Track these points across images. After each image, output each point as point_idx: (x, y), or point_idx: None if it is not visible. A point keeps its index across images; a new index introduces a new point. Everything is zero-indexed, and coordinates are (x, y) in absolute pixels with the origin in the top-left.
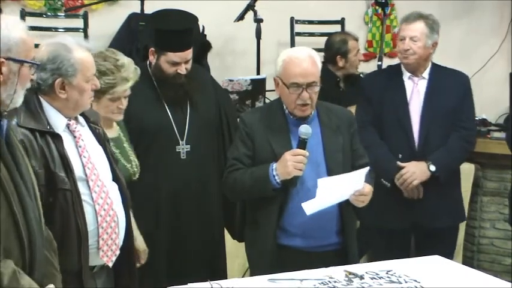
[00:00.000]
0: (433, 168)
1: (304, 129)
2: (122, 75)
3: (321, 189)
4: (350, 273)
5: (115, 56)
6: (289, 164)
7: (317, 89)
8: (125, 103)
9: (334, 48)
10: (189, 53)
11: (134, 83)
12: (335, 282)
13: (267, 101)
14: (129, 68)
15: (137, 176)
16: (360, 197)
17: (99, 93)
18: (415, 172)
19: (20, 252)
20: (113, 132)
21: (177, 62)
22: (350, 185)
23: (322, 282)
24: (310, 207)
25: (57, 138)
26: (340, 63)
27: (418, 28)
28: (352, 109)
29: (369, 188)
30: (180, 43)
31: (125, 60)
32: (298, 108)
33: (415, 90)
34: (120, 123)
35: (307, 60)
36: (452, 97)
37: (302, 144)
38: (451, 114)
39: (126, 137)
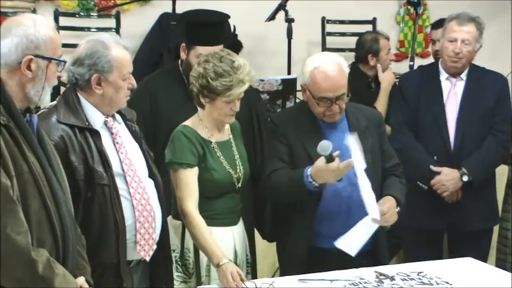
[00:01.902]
0: (465, 178)
1: (321, 148)
2: (238, 77)
3: (343, 247)
4: (381, 274)
5: (231, 58)
6: (331, 176)
7: (346, 98)
8: (238, 105)
9: (366, 47)
10: (218, 49)
11: (250, 85)
12: (365, 283)
13: (297, 101)
14: (245, 70)
15: (240, 183)
16: (385, 218)
17: (214, 95)
18: (444, 185)
19: (54, 244)
20: (223, 135)
21: None
22: (369, 227)
23: (352, 283)
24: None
25: (95, 134)
26: (372, 62)
27: (471, 31)
28: (378, 106)
29: (386, 207)
30: (209, 36)
31: (241, 61)
32: (327, 116)
33: (453, 91)
34: (236, 127)
35: (335, 70)
36: (489, 98)
37: (329, 159)
38: (487, 116)
39: (239, 142)
